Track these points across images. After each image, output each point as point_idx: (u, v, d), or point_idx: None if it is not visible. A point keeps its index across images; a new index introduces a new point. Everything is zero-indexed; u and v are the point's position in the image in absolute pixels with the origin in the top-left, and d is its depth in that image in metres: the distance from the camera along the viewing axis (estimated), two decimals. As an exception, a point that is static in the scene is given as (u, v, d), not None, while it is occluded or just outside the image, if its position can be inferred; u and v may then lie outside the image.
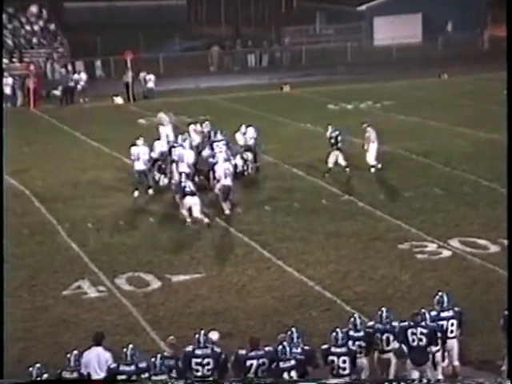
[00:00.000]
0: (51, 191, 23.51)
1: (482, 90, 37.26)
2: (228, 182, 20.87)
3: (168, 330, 14.49)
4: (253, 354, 11.49)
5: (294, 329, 11.79)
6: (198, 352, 11.53)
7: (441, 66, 43.37)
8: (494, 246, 18.21)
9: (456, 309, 12.55)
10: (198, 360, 11.48)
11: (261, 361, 11.39)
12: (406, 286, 16.37)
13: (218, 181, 21.05)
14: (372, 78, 42.57)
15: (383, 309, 12.37)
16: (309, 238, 19.28)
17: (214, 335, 12.06)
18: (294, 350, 11.45)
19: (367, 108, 35.19)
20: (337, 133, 23.75)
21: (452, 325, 12.38)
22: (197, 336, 11.71)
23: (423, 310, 12.24)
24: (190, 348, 11.63)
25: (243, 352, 11.55)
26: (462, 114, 32.62)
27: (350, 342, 11.72)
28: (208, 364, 11.45)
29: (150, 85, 38.99)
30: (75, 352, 11.59)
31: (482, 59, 46.72)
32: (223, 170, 20.95)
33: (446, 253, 17.91)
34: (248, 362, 11.40)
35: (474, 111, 32.90)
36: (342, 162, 23.52)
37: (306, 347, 11.64)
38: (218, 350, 11.61)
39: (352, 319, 12.17)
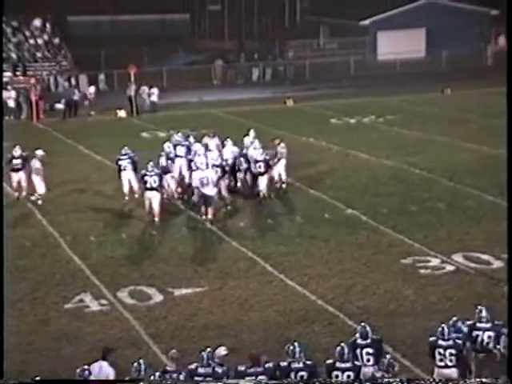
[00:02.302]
0: (53, 204, 23.47)
1: (486, 105, 37.24)
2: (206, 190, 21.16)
3: (170, 343, 14.42)
4: (252, 370, 11.38)
5: (296, 343, 11.71)
6: (201, 371, 11.45)
7: (444, 81, 43.42)
8: (497, 261, 18.12)
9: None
10: (200, 378, 11.40)
11: (259, 378, 11.29)
12: (409, 301, 16.29)
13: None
14: (375, 92, 42.63)
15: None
16: (311, 251, 19.22)
17: (222, 351, 11.95)
18: (296, 364, 11.38)
19: (370, 122, 35.21)
20: None
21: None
22: (202, 353, 11.62)
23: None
24: (193, 366, 11.55)
25: (242, 368, 11.48)
26: (465, 128, 32.61)
27: (358, 350, 11.65)
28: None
29: (154, 98, 39.08)
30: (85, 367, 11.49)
31: (485, 74, 46.77)
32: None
33: (450, 268, 17.82)
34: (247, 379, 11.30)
35: (477, 126, 32.89)
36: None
37: (309, 362, 11.57)
38: (219, 370, 11.47)
39: (359, 327, 12.02)
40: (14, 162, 23.30)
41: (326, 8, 58.97)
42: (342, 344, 11.62)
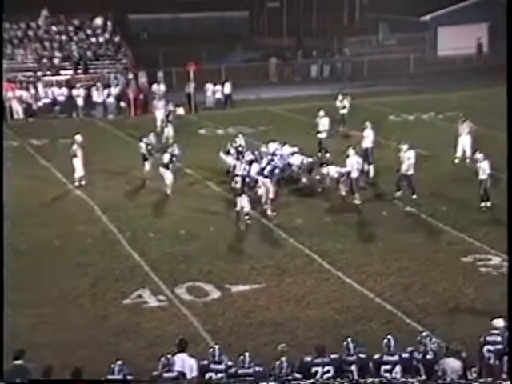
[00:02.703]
0: (113, 201, 23.75)
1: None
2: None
3: (227, 339, 14.51)
4: (318, 360, 11.46)
5: (349, 339, 11.73)
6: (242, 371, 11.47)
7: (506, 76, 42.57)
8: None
9: None
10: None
11: (326, 368, 11.36)
12: (469, 300, 16.08)
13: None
14: (435, 88, 42.10)
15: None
16: (369, 249, 19.12)
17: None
18: (350, 358, 11.43)
19: (429, 119, 34.81)
20: None
21: None
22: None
23: None
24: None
25: (308, 359, 11.52)
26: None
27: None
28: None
29: (218, 95, 39.36)
30: (169, 355, 11.58)
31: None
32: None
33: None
34: (313, 369, 11.37)
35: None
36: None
37: (362, 355, 11.59)
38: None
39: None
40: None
41: (386, 4, 58.41)
42: (389, 336, 11.59)
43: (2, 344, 11.48)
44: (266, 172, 22.60)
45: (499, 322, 12.24)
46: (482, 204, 21.54)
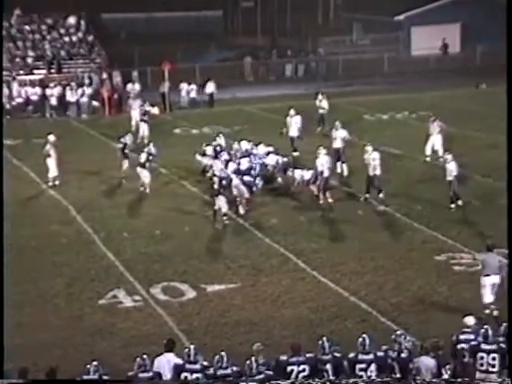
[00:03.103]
0: (87, 200, 23.66)
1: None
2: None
3: (203, 339, 14.52)
4: (294, 359, 11.51)
5: (324, 338, 11.78)
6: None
7: (479, 76, 42.97)
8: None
9: None
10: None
11: (301, 367, 11.42)
12: (443, 298, 16.21)
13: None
14: (409, 88, 42.35)
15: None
16: (344, 248, 19.20)
17: None
18: (325, 357, 11.50)
19: (403, 118, 35.00)
20: None
21: None
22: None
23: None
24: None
25: (284, 358, 11.57)
26: (501, 124, 32.17)
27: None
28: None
29: (193, 94, 39.36)
30: (145, 356, 11.59)
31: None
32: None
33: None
34: (289, 368, 11.42)
35: (513, 121, 32.46)
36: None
37: (337, 354, 11.65)
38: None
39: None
40: None
41: (360, 4, 58.65)
42: (364, 335, 11.67)
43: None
44: (243, 174, 22.65)
45: (470, 320, 12.35)
46: (452, 205, 21.61)
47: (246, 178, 22.42)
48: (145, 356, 11.53)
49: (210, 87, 39.55)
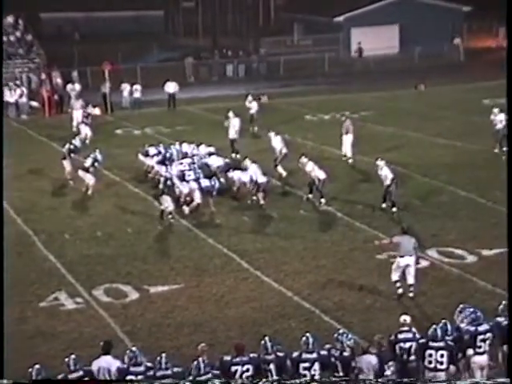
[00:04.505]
0: (28, 202, 23.34)
1: (460, 101, 37.53)
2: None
3: (146, 341, 14.44)
4: (237, 359, 11.53)
5: (266, 338, 11.84)
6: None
7: (418, 77, 43.62)
8: (471, 256, 18.29)
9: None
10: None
11: (245, 367, 11.45)
12: (384, 297, 16.40)
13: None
14: (349, 88, 42.76)
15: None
16: (287, 248, 19.28)
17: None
18: (268, 357, 11.56)
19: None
20: None
21: None
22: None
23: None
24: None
25: (228, 358, 11.59)
26: (439, 124, 32.80)
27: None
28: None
29: (137, 95, 39.04)
30: (73, 356, 11.53)
31: (458, 70, 47.08)
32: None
33: (424, 263, 17.93)
34: (233, 368, 11.44)
35: (451, 122, 33.09)
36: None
37: (280, 353, 11.70)
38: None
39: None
40: None
41: (300, 5, 59.06)
42: (308, 334, 11.76)
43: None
44: (187, 175, 22.57)
45: (406, 319, 12.52)
46: (394, 209, 21.65)
47: (205, 183, 22.21)
48: (72, 356, 11.47)
49: (170, 87, 39.20)
